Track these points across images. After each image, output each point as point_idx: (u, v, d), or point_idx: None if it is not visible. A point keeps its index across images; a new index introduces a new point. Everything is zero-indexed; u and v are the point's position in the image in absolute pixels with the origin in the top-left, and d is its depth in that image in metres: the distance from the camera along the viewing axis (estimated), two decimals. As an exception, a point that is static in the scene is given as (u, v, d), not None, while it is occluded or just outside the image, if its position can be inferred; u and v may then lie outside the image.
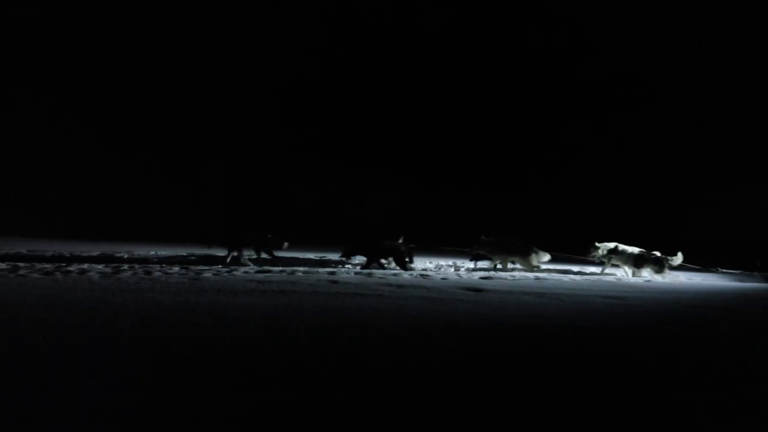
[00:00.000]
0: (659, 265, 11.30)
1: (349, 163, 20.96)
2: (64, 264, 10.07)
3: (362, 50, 22.11)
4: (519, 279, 10.18)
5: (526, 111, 21.11)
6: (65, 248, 13.17)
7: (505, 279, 10.11)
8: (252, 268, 10.51)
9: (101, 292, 7.33)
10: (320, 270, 10.31)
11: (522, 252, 11.43)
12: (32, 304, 6.52)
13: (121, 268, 9.78)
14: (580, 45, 20.27)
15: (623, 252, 11.63)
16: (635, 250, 11.66)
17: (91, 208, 19.78)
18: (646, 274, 11.48)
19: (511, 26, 21.14)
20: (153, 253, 12.66)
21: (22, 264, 9.88)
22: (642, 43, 19.34)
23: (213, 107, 21.99)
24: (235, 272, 9.62)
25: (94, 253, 12.30)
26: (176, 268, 9.88)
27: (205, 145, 21.85)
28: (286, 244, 11.42)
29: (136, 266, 10.12)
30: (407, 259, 10.86)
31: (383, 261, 11.14)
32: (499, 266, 11.65)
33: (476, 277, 10.20)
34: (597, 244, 11.76)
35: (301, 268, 10.39)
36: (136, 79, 21.47)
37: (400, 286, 8.50)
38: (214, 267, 10.36)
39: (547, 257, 11.60)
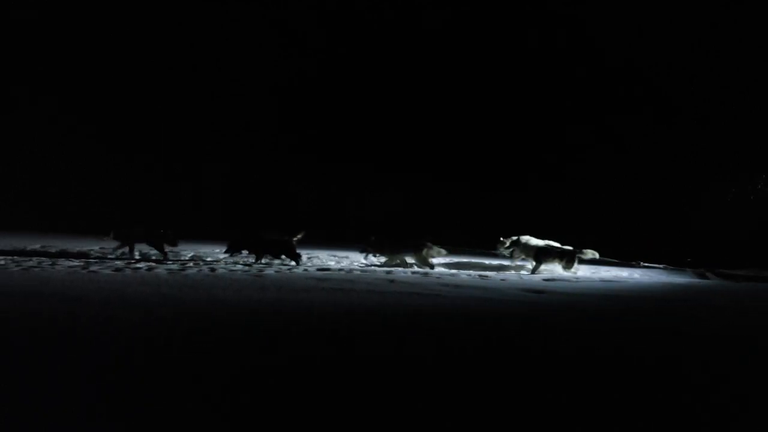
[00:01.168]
0: (566, 259, 10.96)
1: (349, 163, 20.96)
2: (133, 261, 10.57)
3: (362, 50, 22.11)
4: (582, 280, 10.30)
5: (525, 111, 21.09)
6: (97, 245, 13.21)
7: (569, 281, 10.09)
8: (312, 266, 11.05)
9: (168, 288, 7.66)
10: (377, 269, 10.71)
11: (413, 248, 11.23)
12: (104, 299, 6.75)
13: (187, 265, 10.18)
14: (580, 45, 20.26)
15: (526, 245, 11.39)
16: (539, 242, 11.43)
17: (91, 207, 19.76)
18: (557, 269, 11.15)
19: (511, 26, 21.12)
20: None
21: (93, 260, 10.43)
22: (642, 43, 19.34)
23: (213, 107, 21.98)
24: (295, 270, 10.12)
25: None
26: (240, 266, 10.24)
27: (205, 145, 21.84)
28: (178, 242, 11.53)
29: (201, 263, 10.59)
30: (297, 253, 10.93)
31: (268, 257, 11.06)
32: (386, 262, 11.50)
33: (538, 279, 10.24)
34: (502, 238, 11.67)
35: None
36: (136, 79, 21.46)
37: (457, 286, 8.68)
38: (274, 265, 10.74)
39: (443, 252, 11.38)
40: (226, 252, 11.01)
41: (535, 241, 11.50)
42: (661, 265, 12.95)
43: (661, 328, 6.38)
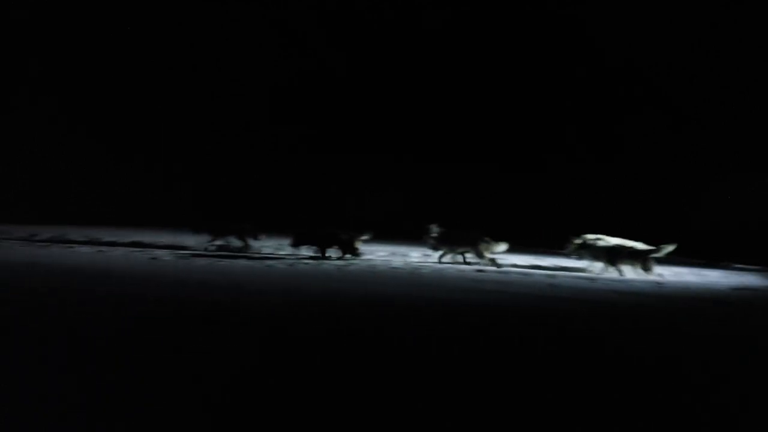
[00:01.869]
0: (640, 260, 10.15)
1: (349, 163, 20.92)
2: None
3: (362, 50, 22.07)
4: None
5: (525, 110, 21.02)
6: (143, 237, 13.70)
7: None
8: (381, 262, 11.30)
9: (338, 282, 8.39)
10: (466, 268, 10.73)
11: (471, 242, 10.96)
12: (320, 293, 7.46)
13: (284, 260, 11.06)
14: (580, 45, 20.23)
15: (595, 245, 10.58)
16: (613, 241, 10.68)
17: (91, 205, 19.68)
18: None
19: (512, 26, 21.08)
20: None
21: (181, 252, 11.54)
22: (642, 43, 19.32)
23: (212, 107, 21.94)
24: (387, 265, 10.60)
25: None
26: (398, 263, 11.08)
27: (204, 145, 21.78)
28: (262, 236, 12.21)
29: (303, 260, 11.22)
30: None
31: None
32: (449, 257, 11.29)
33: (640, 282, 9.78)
34: (573, 238, 10.81)
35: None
36: (135, 79, 21.44)
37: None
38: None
39: (502, 247, 10.88)
40: (291, 246, 11.47)
41: (611, 241, 10.65)
42: (757, 266, 11.65)
43: None
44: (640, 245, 10.57)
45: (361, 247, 11.43)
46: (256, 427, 3.50)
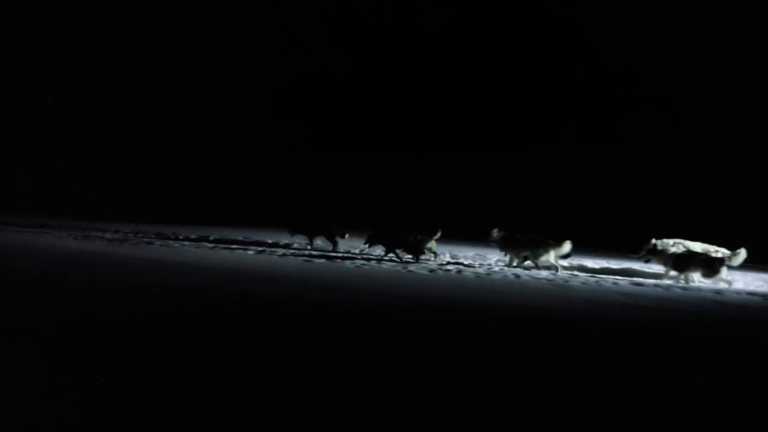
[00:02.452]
0: (708, 268, 9.50)
1: (351, 162, 20.89)
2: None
3: (362, 50, 22.03)
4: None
5: (525, 110, 20.97)
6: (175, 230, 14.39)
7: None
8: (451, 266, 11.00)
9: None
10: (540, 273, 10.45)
11: (533, 245, 10.47)
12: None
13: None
14: (579, 45, 20.18)
15: (664, 251, 10.02)
16: (693, 245, 10.15)
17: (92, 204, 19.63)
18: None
19: (511, 26, 21.05)
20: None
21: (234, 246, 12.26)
22: (642, 43, 19.28)
23: (213, 107, 21.91)
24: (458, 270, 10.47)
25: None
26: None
27: (205, 145, 21.75)
28: (347, 235, 12.36)
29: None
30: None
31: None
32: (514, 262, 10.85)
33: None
34: (654, 240, 10.21)
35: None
36: (135, 79, 21.42)
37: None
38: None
39: (566, 248, 10.28)
40: (365, 244, 11.78)
41: (691, 246, 10.18)
42: None
43: None
44: (718, 251, 10.17)
45: (435, 247, 11.42)
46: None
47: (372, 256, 11.72)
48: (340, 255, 11.85)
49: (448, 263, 11.24)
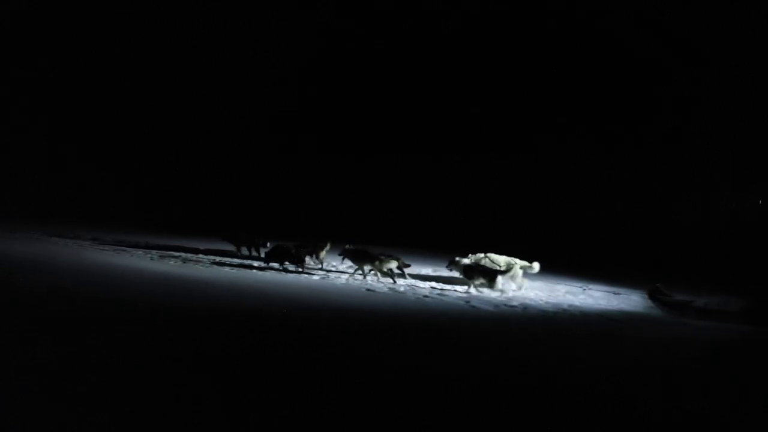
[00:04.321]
0: (488, 278, 10.50)
1: (356, 161, 20.96)
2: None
3: (370, 48, 21.97)
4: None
5: (527, 110, 20.91)
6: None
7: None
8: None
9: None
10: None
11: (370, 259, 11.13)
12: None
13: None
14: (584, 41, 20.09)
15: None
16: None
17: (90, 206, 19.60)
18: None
19: (511, 26, 20.99)
20: None
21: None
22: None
23: (213, 107, 21.96)
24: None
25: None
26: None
27: (205, 146, 21.79)
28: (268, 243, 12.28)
29: None
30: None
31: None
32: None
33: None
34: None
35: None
36: (134, 79, 21.48)
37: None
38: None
39: (394, 264, 11.09)
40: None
41: (492, 257, 11.23)
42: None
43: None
44: (516, 263, 11.07)
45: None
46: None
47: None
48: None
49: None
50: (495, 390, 5.16)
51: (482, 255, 11.33)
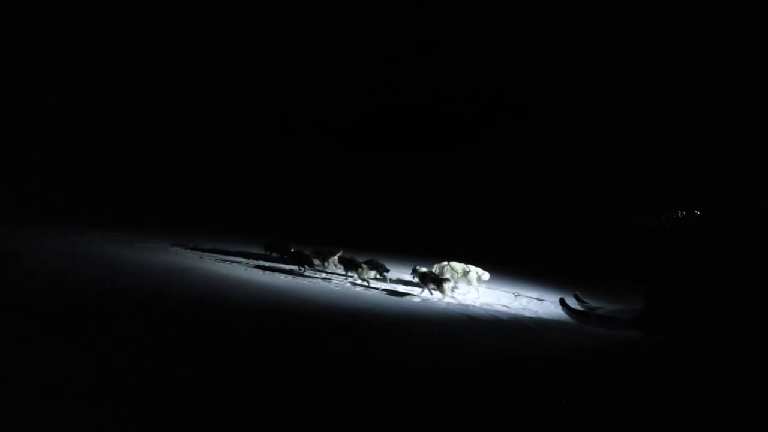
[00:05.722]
0: (437, 284, 11.14)
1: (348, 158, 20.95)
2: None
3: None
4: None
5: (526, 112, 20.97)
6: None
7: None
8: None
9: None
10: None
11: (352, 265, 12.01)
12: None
13: None
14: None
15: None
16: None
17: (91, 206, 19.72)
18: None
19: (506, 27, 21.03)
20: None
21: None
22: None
23: (215, 107, 22.01)
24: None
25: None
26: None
27: (205, 146, 21.84)
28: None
29: None
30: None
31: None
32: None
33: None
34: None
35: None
36: (134, 80, 21.54)
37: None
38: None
39: (373, 273, 11.93)
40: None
41: (452, 265, 11.70)
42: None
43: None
44: (471, 270, 11.68)
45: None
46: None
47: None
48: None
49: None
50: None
51: (446, 263, 11.88)
